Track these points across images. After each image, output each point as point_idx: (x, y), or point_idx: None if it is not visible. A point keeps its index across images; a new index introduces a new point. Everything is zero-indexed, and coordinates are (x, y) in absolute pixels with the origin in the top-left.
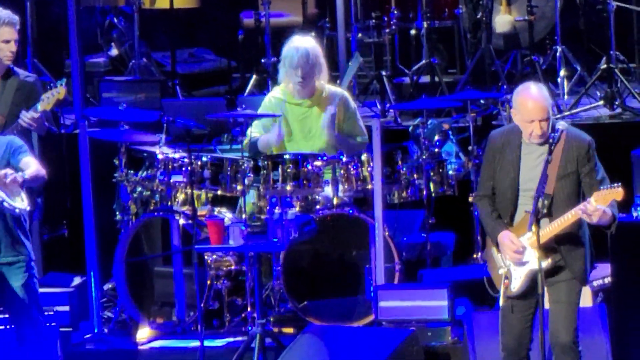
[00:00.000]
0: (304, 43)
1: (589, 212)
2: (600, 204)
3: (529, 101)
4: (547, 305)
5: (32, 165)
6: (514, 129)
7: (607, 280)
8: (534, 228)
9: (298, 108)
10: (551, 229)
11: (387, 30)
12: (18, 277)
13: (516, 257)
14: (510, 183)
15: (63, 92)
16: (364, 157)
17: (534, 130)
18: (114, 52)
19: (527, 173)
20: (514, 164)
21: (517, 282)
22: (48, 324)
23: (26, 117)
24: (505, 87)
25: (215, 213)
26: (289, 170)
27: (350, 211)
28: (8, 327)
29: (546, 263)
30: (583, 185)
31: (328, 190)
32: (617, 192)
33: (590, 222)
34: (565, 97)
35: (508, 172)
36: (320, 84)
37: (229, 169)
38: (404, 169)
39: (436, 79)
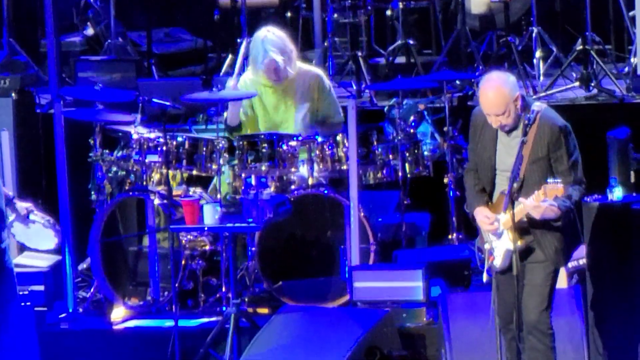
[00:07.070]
0: (269, 39)
1: (529, 208)
2: (543, 198)
3: (484, 94)
4: None
5: None
6: None
7: (582, 262)
8: (508, 209)
9: (272, 92)
10: (519, 210)
11: (363, 11)
12: None
13: (491, 228)
14: (487, 162)
15: None
16: (339, 137)
17: (492, 122)
18: (90, 31)
19: (503, 154)
20: (491, 143)
21: (499, 259)
22: (23, 304)
23: None
24: (480, 68)
25: (191, 193)
26: (264, 150)
27: (326, 191)
28: None
29: (520, 243)
30: (553, 170)
31: (303, 170)
32: (557, 189)
33: (535, 217)
34: (541, 78)
35: (486, 151)
36: (292, 67)
37: (204, 149)
38: (380, 149)
39: (412, 59)
